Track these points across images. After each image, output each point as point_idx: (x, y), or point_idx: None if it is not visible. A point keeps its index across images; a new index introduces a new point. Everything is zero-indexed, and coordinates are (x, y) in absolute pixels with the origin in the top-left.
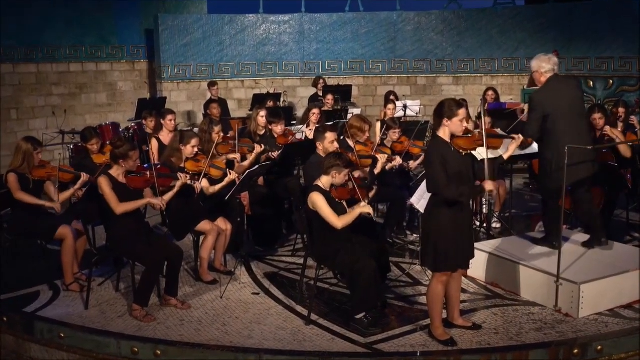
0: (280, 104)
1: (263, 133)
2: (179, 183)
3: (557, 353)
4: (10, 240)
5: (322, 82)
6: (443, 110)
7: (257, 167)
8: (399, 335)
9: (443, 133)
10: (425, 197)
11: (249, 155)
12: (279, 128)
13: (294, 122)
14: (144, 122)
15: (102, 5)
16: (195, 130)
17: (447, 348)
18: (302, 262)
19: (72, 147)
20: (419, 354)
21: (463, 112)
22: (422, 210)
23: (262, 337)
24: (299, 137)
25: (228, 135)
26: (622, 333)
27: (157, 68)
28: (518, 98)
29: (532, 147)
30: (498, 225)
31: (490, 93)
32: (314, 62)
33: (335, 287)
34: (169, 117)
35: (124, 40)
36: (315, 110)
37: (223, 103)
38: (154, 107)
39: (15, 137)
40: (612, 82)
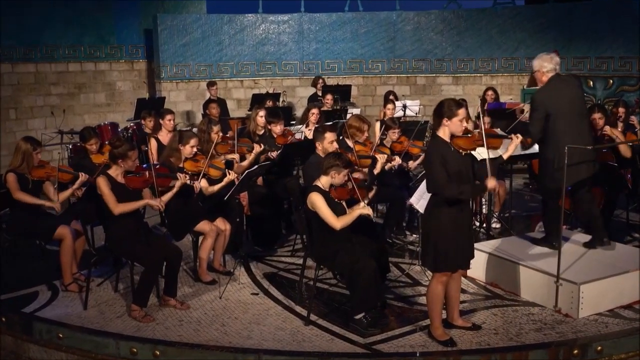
0: (280, 104)
1: (262, 133)
2: (178, 183)
3: (556, 353)
4: (9, 240)
5: (321, 81)
6: (443, 110)
7: (256, 167)
8: (399, 336)
9: (443, 133)
10: (425, 197)
11: (248, 155)
12: (278, 128)
13: (293, 122)
14: (143, 122)
15: (101, 5)
16: (194, 130)
17: (446, 348)
18: (301, 262)
19: (70, 147)
20: (419, 355)
21: (463, 112)
22: (421, 211)
23: (261, 337)
24: (298, 137)
25: (227, 135)
26: (622, 333)
27: (156, 68)
28: (518, 98)
29: (532, 147)
30: (498, 226)
31: (490, 93)
32: (313, 61)
33: (335, 287)
34: (168, 117)
35: (123, 40)
36: (315, 110)
37: (222, 103)
38: (153, 107)
39: (14, 137)
40: (612, 82)
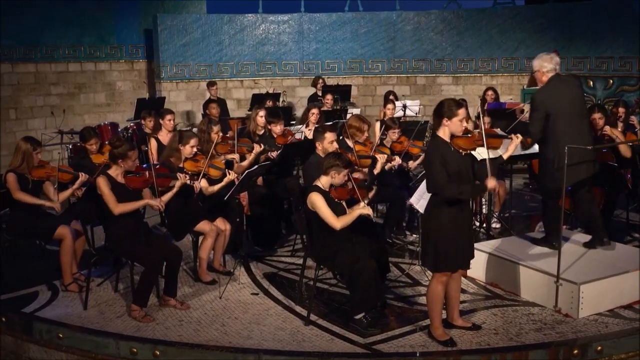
0: (280, 104)
1: (262, 133)
2: (178, 183)
3: (556, 353)
4: (9, 240)
5: (321, 81)
6: (443, 110)
7: (256, 167)
8: (399, 336)
9: (443, 133)
10: (425, 197)
11: (248, 155)
12: (278, 128)
13: (293, 122)
14: (143, 122)
15: (101, 5)
16: (194, 130)
17: (446, 348)
18: (301, 262)
19: (70, 147)
20: (419, 355)
21: (463, 112)
22: (421, 211)
23: (261, 337)
24: (298, 137)
25: (227, 135)
26: (622, 333)
27: (156, 68)
28: (518, 98)
29: (532, 147)
30: (498, 226)
31: (490, 93)
32: (313, 61)
33: (335, 287)
34: (168, 117)
35: (123, 40)
36: (315, 110)
37: (222, 103)
38: (153, 107)
39: (14, 136)
40: (612, 82)
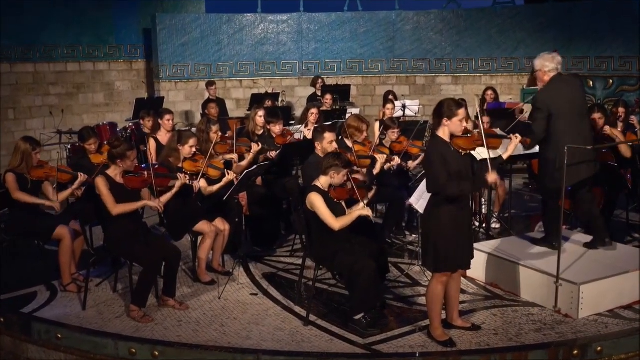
0: (279, 104)
1: (261, 133)
2: (178, 183)
3: (556, 354)
4: (8, 241)
5: (320, 81)
6: (442, 110)
7: (255, 167)
8: (398, 336)
9: (442, 133)
10: (424, 197)
11: (247, 155)
12: (277, 128)
13: (293, 122)
14: (142, 122)
15: (99, 5)
16: (193, 130)
17: (446, 349)
18: (300, 262)
19: (69, 147)
20: (418, 355)
21: (463, 112)
22: (421, 211)
23: (260, 337)
24: (298, 137)
25: (226, 135)
26: (622, 334)
27: (154, 68)
28: (517, 98)
29: (534, 147)
30: (497, 226)
31: (490, 93)
32: (313, 61)
33: (334, 287)
34: (167, 117)
35: (122, 40)
36: (314, 110)
37: (221, 103)
38: (152, 107)
39: (13, 136)
40: (612, 81)
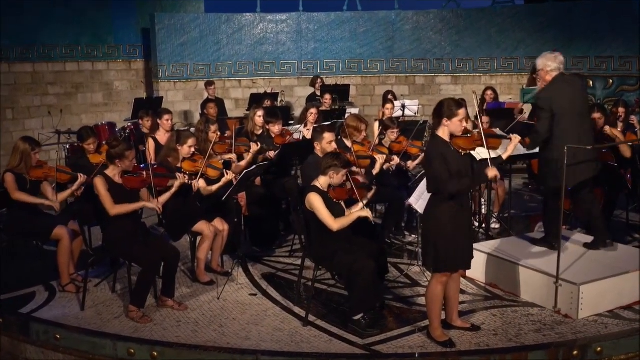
0: (278, 104)
1: (260, 133)
2: (177, 183)
3: (556, 354)
4: (7, 241)
5: (319, 81)
6: (442, 110)
7: (254, 167)
8: (397, 337)
9: (442, 133)
10: (424, 197)
11: (246, 155)
12: (277, 128)
13: (292, 121)
14: (141, 121)
15: (98, 5)
16: (192, 130)
17: (445, 349)
18: (299, 263)
19: (68, 147)
20: (417, 355)
21: (463, 112)
22: (420, 211)
23: (259, 338)
24: (297, 137)
25: (225, 135)
26: (621, 334)
27: (153, 67)
28: (517, 97)
29: (536, 148)
30: (497, 226)
31: (489, 93)
32: (312, 61)
33: (333, 288)
34: (166, 116)
35: (120, 40)
36: (313, 110)
37: (220, 103)
38: (151, 106)
39: (11, 136)
40: (611, 81)
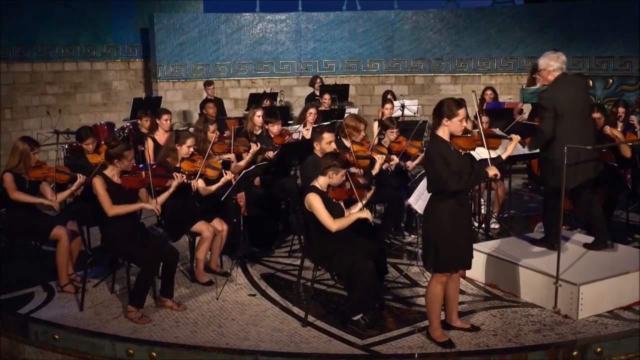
0: (277, 104)
1: (259, 133)
2: (175, 183)
3: (556, 355)
4: (6, 241)
5: (319, 81)
6: (443, 110)
7: (253, 167)
8: (397, 337)
9: (442, 132)
10: (423, 197)
11: (245, 155)
12: (276, 128)
13: (291, 121)
14: (139, 121)
15: (97, 5)
16: (191, 130)
17: (445, 350)
18: (298, 263)
19: (66, 147)
20: (417, 356)
21: (463, 112)
22: (420, 211)
23: (258, 338)
24: (296, 137)
25: (224, 135)
26: (621, 335)
27: (152, 67)
28: (517, 97)
29: (537, 148)
30: (497, 226)
31: (489, 92)
32: (311, 61)
33: (332, 288)
34: (165, 116)
35: (119, 40)
36: (312, 110)
37: (219, 103)
38: (149, 106)
39: (10, 136)
40: (611, 81)
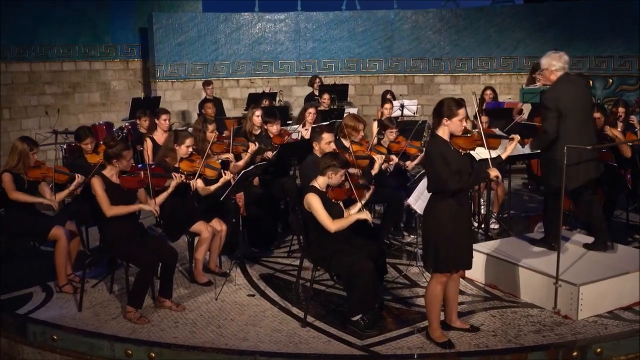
0: (276, 104)
1: (258, 133)
2: (174, 183)
3: (556, 355)
4: (4, 241)
5: (318, 81)
6: (442, 110)
7: (252, 167)
8: (396, 338)
9: (442, 132)
10: (423, 197)
11: (244, 155)
12: (275, 128)
13: (290, 121)
14: (138, 121)
15: (96, 4)
16: (190, 130)
17: (444, 350)
18: (298, 263)
19: (65, 146)
20: (416, 356)
21: (463, 111)
22: (419, 211)
23: (257, 339)
24: (295, 137)
25: (223, 135)
26: (621, 335)
27: (151, 67)
28: (516, 97)
29: (538, 149)
30: (496, 226)
31: (489, 92)
32: (310, 61)
33: (332, 288)
34: (163, 116)
35: (118, 39)
36: (312, 110)
37: (218, 102)
38: (148, 106)
39: (8, 136)
40: (611, 81)
